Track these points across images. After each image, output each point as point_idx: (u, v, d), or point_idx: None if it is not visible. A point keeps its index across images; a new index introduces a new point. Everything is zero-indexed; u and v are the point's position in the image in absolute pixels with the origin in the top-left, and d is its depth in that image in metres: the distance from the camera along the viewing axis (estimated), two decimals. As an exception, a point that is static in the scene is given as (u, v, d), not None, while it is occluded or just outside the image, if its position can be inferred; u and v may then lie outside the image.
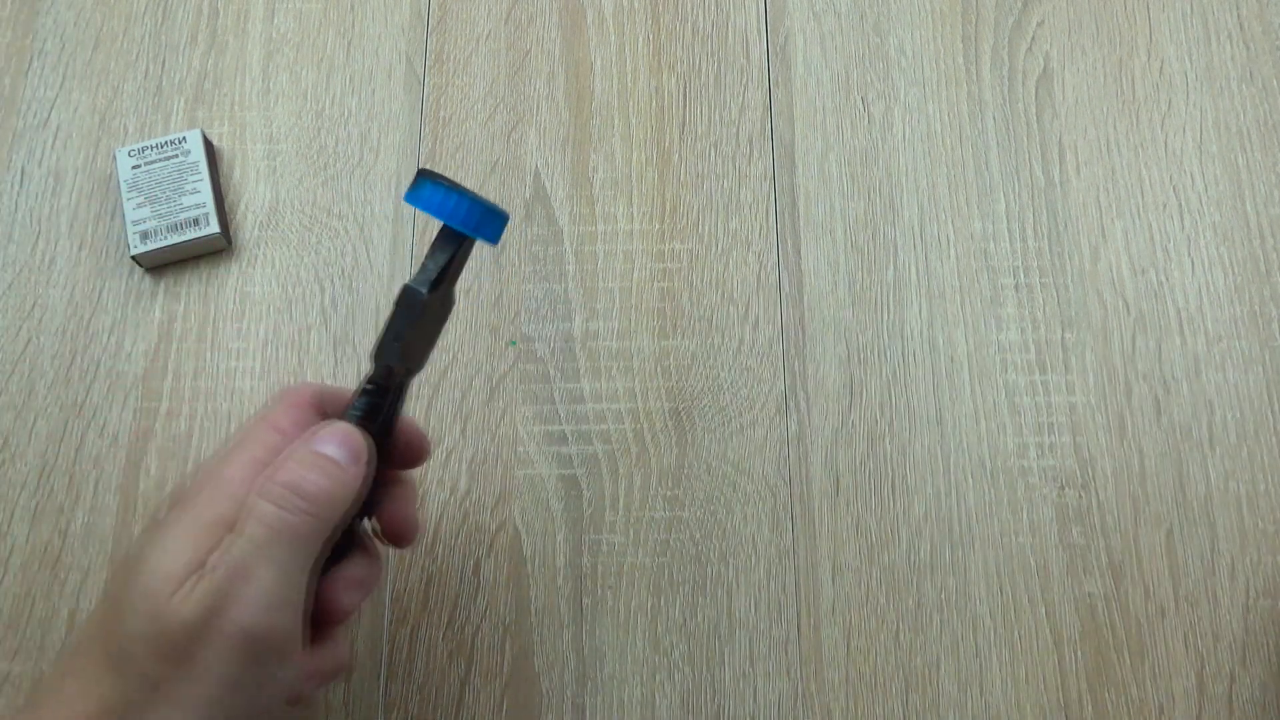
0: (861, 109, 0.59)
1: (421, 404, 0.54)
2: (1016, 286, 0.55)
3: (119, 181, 0.56)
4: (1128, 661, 0.49)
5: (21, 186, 0.58)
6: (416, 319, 0.38)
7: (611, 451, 0.53)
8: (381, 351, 0.38)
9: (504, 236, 0.57)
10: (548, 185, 0.58)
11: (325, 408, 0.39)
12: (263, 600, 0.32)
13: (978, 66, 0.60)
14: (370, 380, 0.39)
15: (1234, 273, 0.55)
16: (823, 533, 0.51)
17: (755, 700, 0.49)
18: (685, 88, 0.60)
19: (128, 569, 0.34)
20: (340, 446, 0.36)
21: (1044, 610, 0.50)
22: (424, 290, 0.38)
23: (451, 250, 0.38)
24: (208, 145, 0.57)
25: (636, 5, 0.61)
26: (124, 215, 0.55)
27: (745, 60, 0.60)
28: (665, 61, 0.60)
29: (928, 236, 0.56)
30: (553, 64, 0.60)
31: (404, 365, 0.39)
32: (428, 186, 0.37)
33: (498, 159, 0.58)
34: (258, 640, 0.32)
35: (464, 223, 0.37)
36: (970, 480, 0.52)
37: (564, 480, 0.52)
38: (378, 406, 0.38)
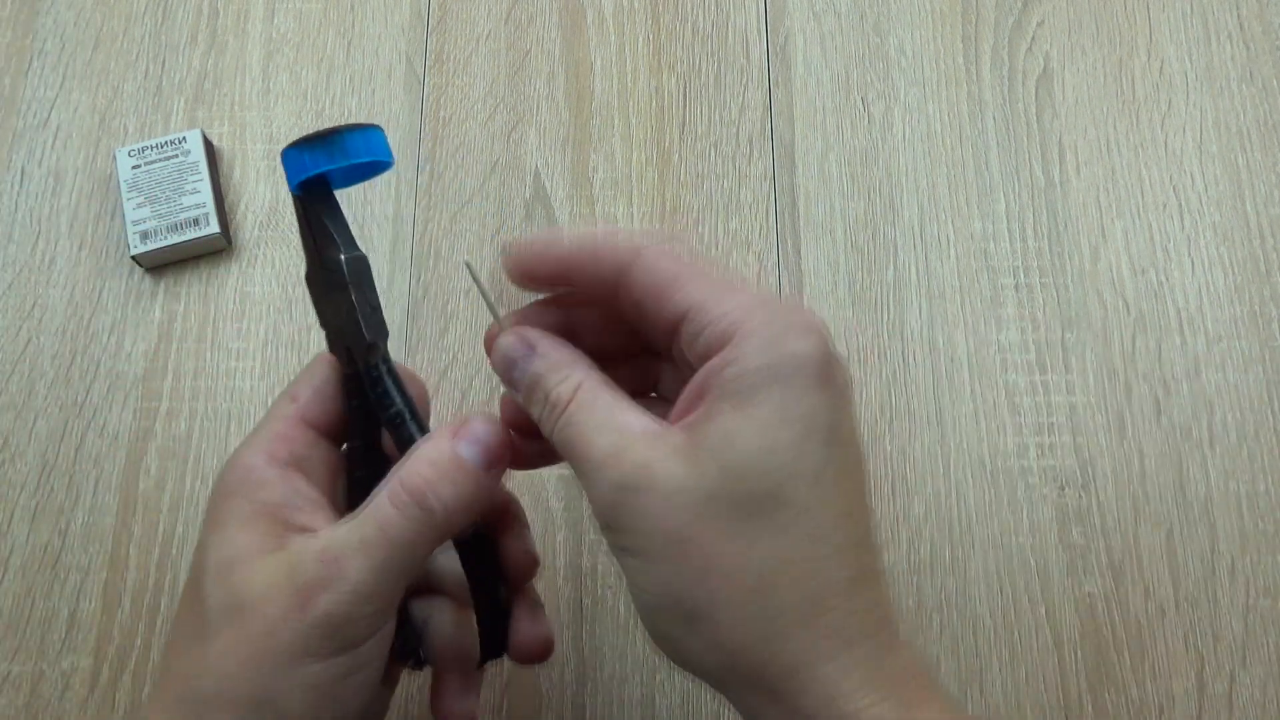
0: (861, 109, 0.59)
1: (421, 404, 0.54)
2: (1016, 286, 0.55)
3: (119, 181, 0.56)
4: (1128, 661, 0.49)
5: (21, 186, 0.58)
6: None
7: (611, 451, 0.53)
8: (367, 330, 0.34)
9: (504, 238, 0.57)
10: (548, 185, 0.58)
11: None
12: (351, 592, 0.31)
13: (978, 66, 0.60)
14: (371, 364, 0.35)
15: (1234, 273, 0.55)
16: (823, 533, 0.51)
17: (755, 700, 0.49)
18: (685, 88, 0.60)
19: (194, 585, 0.33)
20: (479, 448, 0.33)
21: (1044, 610, 0.50)
22: (360, 252, 0.35)
23: (322, 211, 0.34)
24: (208, 145, 0.57)
25: (636, 5, 0.62)
26: (124, 215, 0.55)
27: (745, 60, 0.60)
28: (665, 61, 0.60)
29: (928, 236, 0.56)
30: (553, 64, 0.60)
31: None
32: (286, 160, 0.34)
33: (498, 159, 0.58)
34: (336, 627, 0.31)
35: (300, 170, 0.33)
36: (970, 480, 0.52)
37: (564, 480, 0.52)
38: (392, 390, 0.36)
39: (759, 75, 0.60)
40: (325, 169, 0.33)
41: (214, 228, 0.55)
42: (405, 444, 0.34)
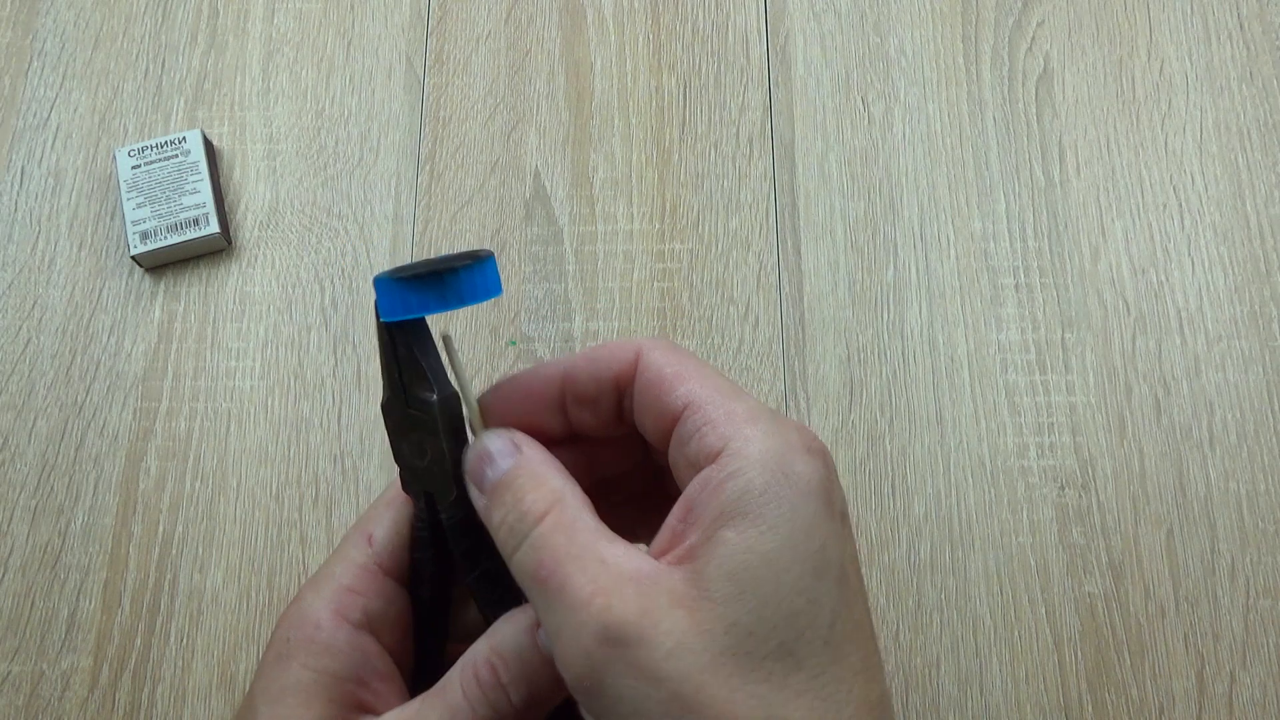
0: (861, 109, 0.59)
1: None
2: (1016, 286, 0.55)
3: (119, 181, 0.56)
4: (1128, 661, 0.49)
5: (21, 186, 0.58)
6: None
7: (611, 451, 0.53)
8: (458, 480, 0.30)
9: (505, 238, 0.57)
10: (548, 185, 0.58)
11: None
12: None
13: (978, 66, 0.60)
14: (457, 517, 0.30)
15: (1234, 273, 0.55)
16: (823, 533, 0.51)
17: (755, 700, 0.49)
18: (685, 88, 0.60)
19: None
20: None
21: (1044, 610, 0.50)
22: (453, 389, 0.30)
23: (411, 342, 0.29)
24: (208, 145, 0.57)
25: (636, 5, 0.62)
26: (124, 215, 0.55)
27: (745, 60, 0.60)
28: (665, 61, 0.60)
29: (928, 236, 0.56)
30: (553, 64, 0.60)
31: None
32: (380, 292, 0.28)
33: (498, 159, 0.58)
34: None
35: (401, 309, 0.28)
36: (970, 480, 0.52)
37: (564, 480, 0.52)
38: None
39: (759, 75, 0.60)
40: (430, 313, 0.28)
41: (214, 228, 0.55)
42: (489, 609, 0.30)
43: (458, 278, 0.28)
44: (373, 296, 0.29)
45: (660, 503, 0.29)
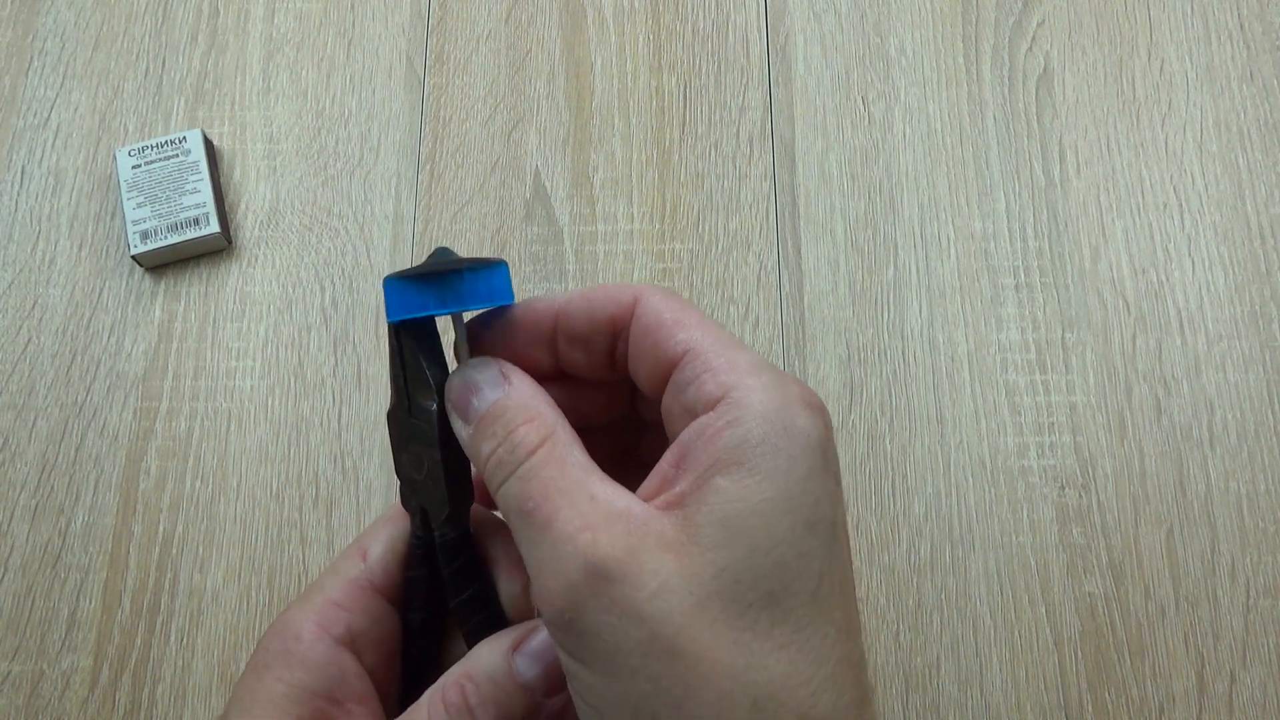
0: (861, 109, 0.59)
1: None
2: (1017, 286, 0.55)
3: (119, 181, 0.56)
4: (1128, 661, 0.49)
5: (21, 186, 0.58)
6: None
7: (611, 451, 0.53)
8: (451, 498, 0.29)
9: (505, 238, 0.57)
10: (548, 185, 0.58)
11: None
12: None
13: (978, 66, 0.60)
14: (449, 536, 0.30)
15: (1234, 273, 0.55)
16: (823, 533, 0.51)
17: (755, 700, 0.49)
18: (685, 88, 0.60)
19: None
20: (541, 669, 0.28)
21: (1044, 610, 0.50)
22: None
23: (418, 347, 0.29)
24: (208, 145, 0.57)
25: (636, 5, 0.61)
26: (124, 215, 0.55)
27: (745, 60, 0.60)
28: (665, 61, 0.60)
29: (928, 236, 0.56)
30: (553, 64, 0.60)
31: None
32: (389, 294, 0.28)
33: (498, 159, 0.58)
34: None
35: (404, 308, 0.28)
36: (970, 480, 0.52)
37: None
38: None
39: (759, 75, 0.60)
40: (436, 313, 0.28)
41: (214, 227, 0.55)
42: (473, 636, 0.29)
43: (462, 279, 0.28)
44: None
45: (636, 467, 0.29)
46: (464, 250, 0.56)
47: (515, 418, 0.27)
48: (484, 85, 0.60)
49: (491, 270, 0.28)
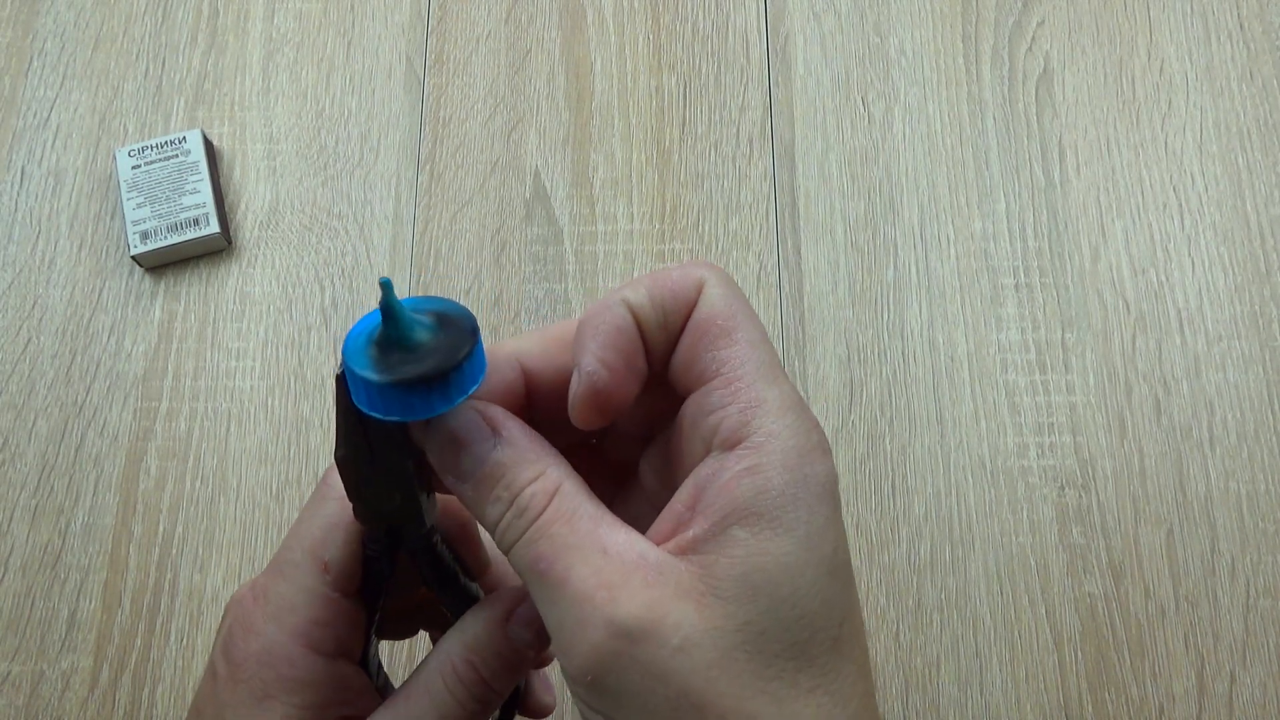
0: (861, 109, 0.59)
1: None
2: (1016, 286, 0.55)
3: (119, 181, 0.56)
4: (1128, 661, 0.49)
5: (21, 186, 0.58)
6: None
7: (611, 451, 0.53)
8: (429, 514, 0.29)
9: (505, 238, 0.57)
10: (548, 185, 0.58)
11: None
12: None
13: (978, 66, 0.60)
14: (424, 544, 0.30)
15: (1234, 273, 0.55)
16: (823, 533, 0.51)
17: (755, 700, 0.49)
18: (685, 88, 0.60)
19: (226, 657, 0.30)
20: (532, 632, 0.29)
21: (1044, 610, 0.50)
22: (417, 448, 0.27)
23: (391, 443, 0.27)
24: (208, 145, 0.57)
25: (636, 5, 0.61)
26: (124, 215, 0.55)
27: (745, 60, 0.60)
28: (665, 61, 0.60)
29: (928, 236, 0.56)
30: (553, 64, 0.60)
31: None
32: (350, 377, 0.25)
33: (498, 159, 0.58)
34: None
35: (404, 410, 0.25)
36: (970, 480, 0.52)
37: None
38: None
39: (759, 75, 0.60)
40: (439, 412, 0.25)
41: (214, 228, 0.55)
42: (453, 605, 0.31)
43: (461, 375, 0.25)
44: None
45: (639, 490, 0.29)
46: (461, 252, 0.56)
47: (517, 477, 0.26)
48: (484, 85, 0.60)
49: (470, 358, 0.25)
